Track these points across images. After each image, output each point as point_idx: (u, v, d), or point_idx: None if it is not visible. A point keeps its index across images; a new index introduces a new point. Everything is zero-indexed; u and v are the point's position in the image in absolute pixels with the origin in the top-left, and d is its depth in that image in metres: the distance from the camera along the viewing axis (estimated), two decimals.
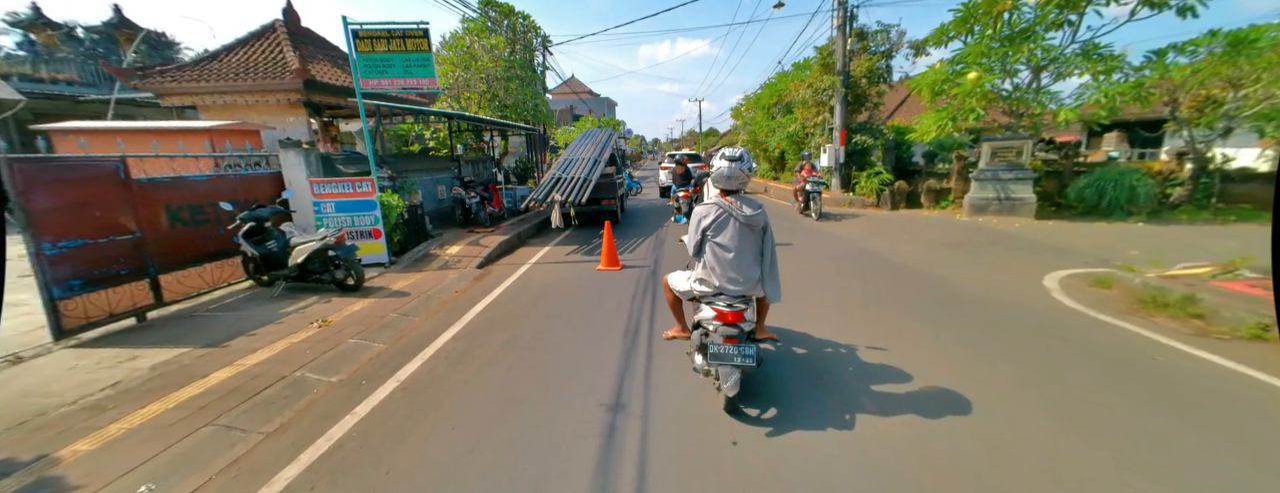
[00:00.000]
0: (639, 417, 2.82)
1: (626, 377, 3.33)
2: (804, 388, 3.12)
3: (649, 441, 2.60)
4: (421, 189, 9.69)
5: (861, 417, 2.76)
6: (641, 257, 7.27)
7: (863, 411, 2.82)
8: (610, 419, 2.80)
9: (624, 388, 3.16)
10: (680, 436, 2.64)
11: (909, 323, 4.18)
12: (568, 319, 4.59)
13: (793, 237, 8.20)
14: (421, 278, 6.21)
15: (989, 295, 4.87)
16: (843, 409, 2.85)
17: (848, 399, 2.96)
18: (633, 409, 2.91)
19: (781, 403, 2.93)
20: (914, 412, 2.79)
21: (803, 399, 2.98)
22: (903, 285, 5.31)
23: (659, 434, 2.65)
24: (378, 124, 8.00)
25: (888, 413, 2.79)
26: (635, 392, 3.11)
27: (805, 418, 2.76)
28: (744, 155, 2.90)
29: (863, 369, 3.34)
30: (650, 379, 3.28)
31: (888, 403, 2.90)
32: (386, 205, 6.73)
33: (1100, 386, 3.04)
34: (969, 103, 10.03)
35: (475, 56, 11.89)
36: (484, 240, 8.07)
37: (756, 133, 19.11)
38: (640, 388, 3.15)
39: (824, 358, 3.57)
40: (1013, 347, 3.66)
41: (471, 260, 6.96)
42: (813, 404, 2.91)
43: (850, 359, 3.50)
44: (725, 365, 2.66)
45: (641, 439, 2.61)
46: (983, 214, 10.31)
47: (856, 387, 3.10)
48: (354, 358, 3.80)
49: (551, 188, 8.06)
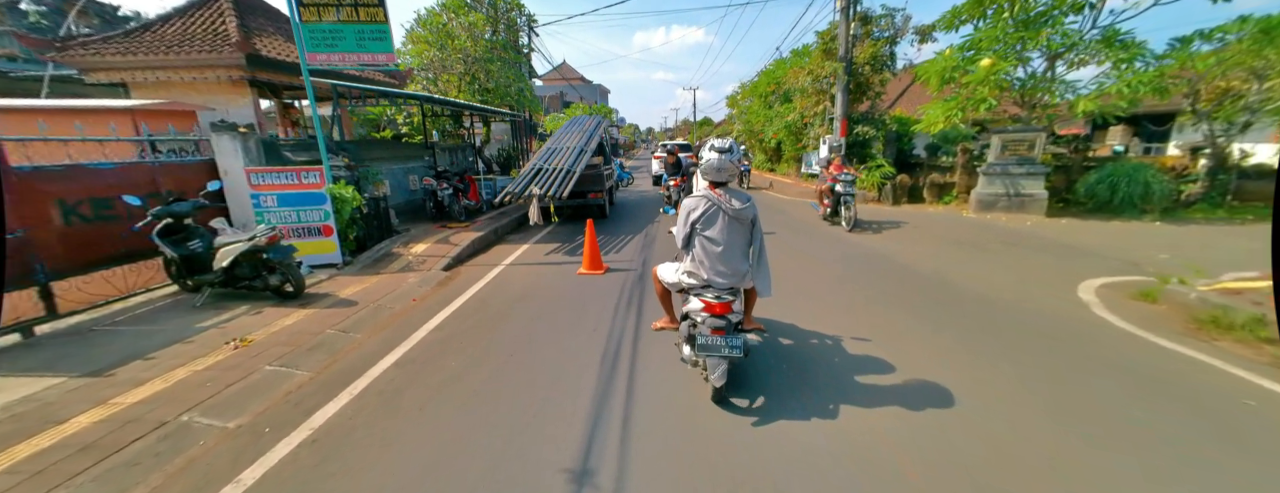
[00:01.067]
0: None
1: (599, 427, 2.65)
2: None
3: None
4: (390, 179, 8.86)
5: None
6: (628, 257, 6.58)
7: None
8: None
9: (595, 447, 2.48)
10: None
11: (945, 342, 3.56)
12: (537, 341, 3.89)
13: (813, 244, 7.42)
14: (377, 282, 5.46)
15: (1022, 308, 4.26)
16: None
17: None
18: (603, 481, 2.23)
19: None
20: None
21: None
22: (923, 293, 4.69)
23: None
24: (335, 107, 7.15)
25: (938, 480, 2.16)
26: (608, 453, 2.44)
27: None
28: (733, 146, 2.82)
29: (903, 396, 2.70)
30: (629, 440, 2.61)
31: (946, 460, 2.27)
32: (339, 199, 5.93)
33: (1199, 437, 2.44)
34: (980, 92, 9.39)
35: (452, 35, 10.95)
36: (455, 238, 7.31)
37: (752, 122, 18.37)
38: (615, 448, 2.48)
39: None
40: (1067, 379, 3.04)
41: (438, 261, 6.21)
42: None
43: (880, 382, 2.86)
44: (713, 356, 2.65)
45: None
46: (991, 211, 9.75)
47: (896, 421, 2.46)
48: (266, 393, 3.08)
49: (530, 180, 7.30)
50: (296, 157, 6.51)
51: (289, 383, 3.21)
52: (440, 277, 5.75)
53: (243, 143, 5.66)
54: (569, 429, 2.61)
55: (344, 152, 7.30)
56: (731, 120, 25.97)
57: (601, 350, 3.60)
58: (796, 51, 17.05)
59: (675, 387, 3.03)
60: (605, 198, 9.82)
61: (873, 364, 3.28)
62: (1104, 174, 9.43)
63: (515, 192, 6.86)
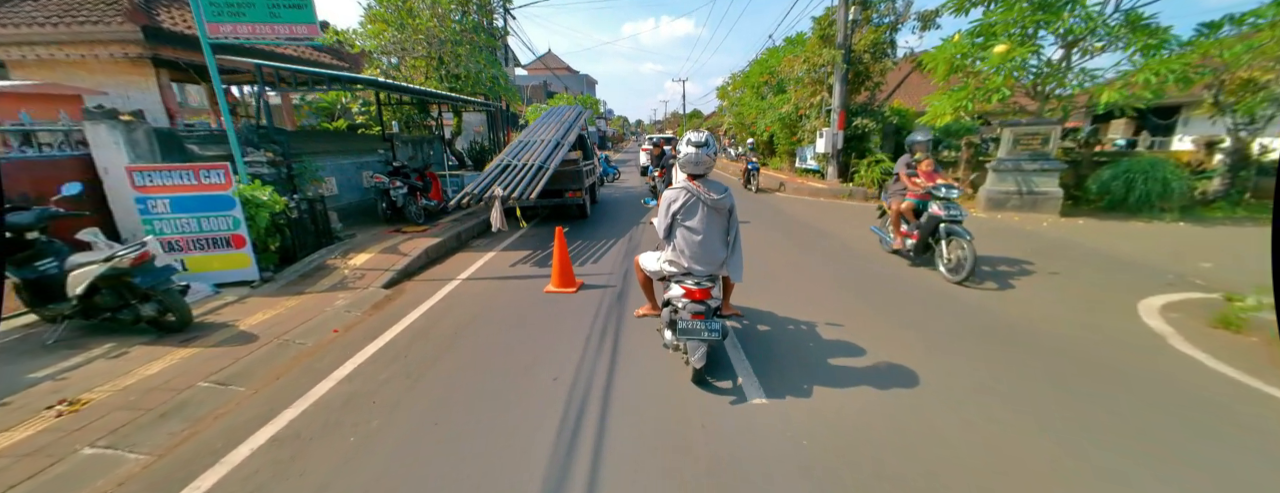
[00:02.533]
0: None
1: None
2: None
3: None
4: (338, 176, 7.79)
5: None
6: (607, 269, 5.66)
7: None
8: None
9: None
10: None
11: (1032, 408, 2.73)
12: (473, 400, 2.97)
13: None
14: (296, 305, 4.46)
15: (1081, 340, 3.47)
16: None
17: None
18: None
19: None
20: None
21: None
22: (971, 328, 3.88)
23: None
24: (260, 91, 6.06)
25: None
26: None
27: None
28: (708, 140, 2.93)
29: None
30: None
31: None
32: (252, 202, 4.90)
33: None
34: (994, 80, 8.62)
35: (414, 13, 9.80)
36: (406, 245, 6.30)
37: (744, 114, 17.48)
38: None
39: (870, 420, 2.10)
40: (1194, 457, 2.24)
41: (378, 277, 5.22)
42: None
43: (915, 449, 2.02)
44: (693, 340, 2.77)
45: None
46: (1001, 209, 9.04)
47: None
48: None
49: (494, 178, 6.31)
50: (205, 151, 5.43)
51: (107, 479, 2.24)
52: (378, 297, 4.78)
53: (126, 134, 4.58)
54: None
55: (274, 144, 6.23)
56: (722, 112, 25.07)
57: (559, 415, 2.69)
58: (791, 39, 16.15)
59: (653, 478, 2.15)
60: (585, 197, 8.87)
61: (950, 464, 2.43)
62: (1119, 170, 8.78)
63: (474, 193, 5.87)
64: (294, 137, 7.34)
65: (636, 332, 3.85)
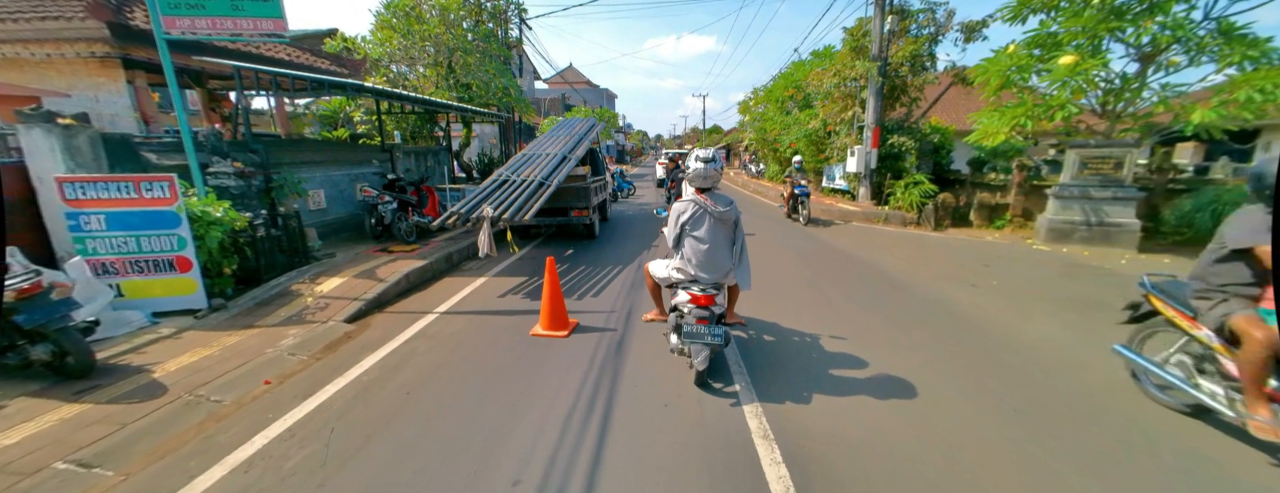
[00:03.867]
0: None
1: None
2: None
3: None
4: (329, 189, 7.24)
5: None
6: (610, 302, 4.85)
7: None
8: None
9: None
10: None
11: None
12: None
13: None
14: (236, 343, 3.76)
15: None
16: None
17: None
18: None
19: None
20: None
21: None
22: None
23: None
24: (239, 95, 5.53)
25: None
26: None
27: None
28: (715, 156, 3.13)
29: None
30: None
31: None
32: (201, 219, 4.26)
33: None
34: (1058, 96, 7.62)
35: (422, 19, 9.36)
36: (387, 268, 5.61)
37: (766, 130, 16.65)
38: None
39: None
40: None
41: (344, 308, 4.51)
42: None
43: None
44: (696, 343, 2.91)
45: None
46: (1067, 242, 7.95)
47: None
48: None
49: (485, 196, 5.60)
50: (165, 160, 4.86)
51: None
52: (336, 334, 4.05)
53: (65, 140, 4.02)
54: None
55: (251, 153, 5.67)
56: (743, 128, 24.32)
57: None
58: (818, 53, 15.37)
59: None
60: (593, 216, 8.12)
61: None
62: (1204, 200, 7.63)
63: (462, 212, 5.15)
64: (280, 145, 6.83)
65: (634, 389, 3.03)
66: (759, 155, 22.07)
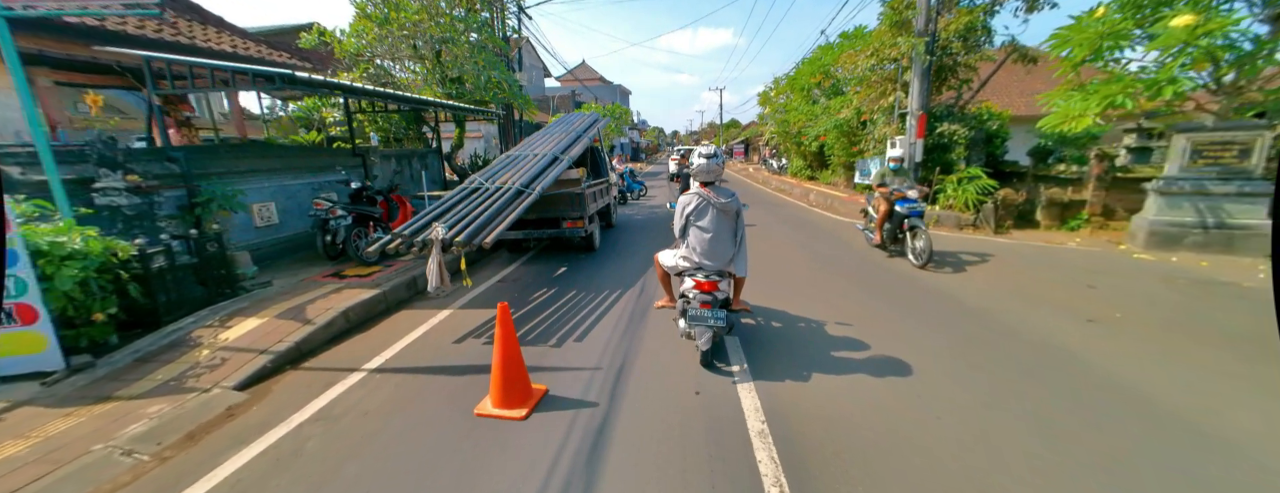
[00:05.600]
0: None
1: None
2: None
3: None
4: (284, 200, 6.24)
5: None
6: (596, 353, 3.63)
7: None
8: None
9: None
10: None
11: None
12: None
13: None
14: (62, 432, 2.70)
15: None
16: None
17: None
18: None
19: None
20: None
21: None
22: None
23: None
24: (152, 94, 4.53)
25: None
26: None
27: None
28: (717, 152, 3.34)
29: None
30: None
31: None
32: (49, 254, 3.23)
33: None
34: (1167, 69, 6.06)
35: (401, 6, 8.31)
36: (322, 302, 4.51)
37: (790, 122, 15.17)
38: None
39: None
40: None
41: (246, 364, 3.43)
42: None
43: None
44: (700, 326, 3.15)
45: None
46: (1175, 248, 6.39)
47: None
48: None
49: (442, 211, 4.45)
50: (30, 176, 3.85)
51: None
52: (213, 411, 2.95)
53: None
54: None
55: (168, 161, 4.67)
56: (763, 121, 22.76)
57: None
58: (847, 34, 13.84)
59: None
60: (591, 226, 6.93)
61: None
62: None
63: (406, 234, 4.01)
64: (214, 152, 5.83)
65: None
66: (780, 149, 20.55)
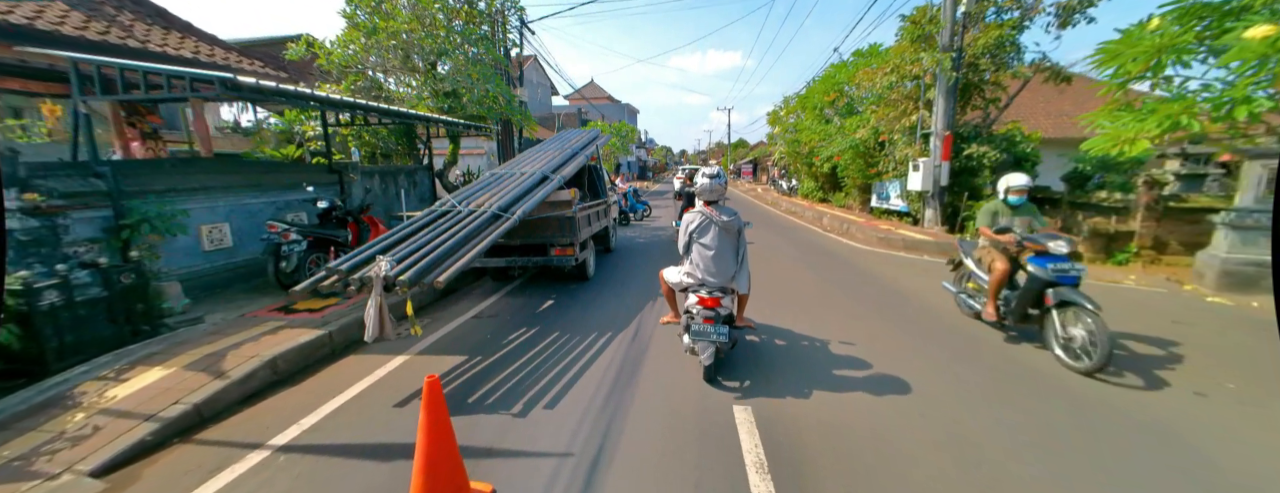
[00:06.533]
0: None
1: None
2: None
3: None
4: (242, 221, 5.62)
5: None
6: (570, 427, 2.84)
7: None
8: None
9: None
10: None
11: None
12: None
13: None
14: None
15: None
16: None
17: None
18: None
19: None
20: None
21: None
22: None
23: None
24: (78, 101, 3.95)
25: None
26: None
27: None
28: (720, 173, 3.49)
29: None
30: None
31: None
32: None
33: None
34: (1239, 86, 5.32)
35: (389, 14, 7.86)
36: (251, 347, 3.78)
37: (800, 142, 14.54)
38: None
39: None
40: None
41: (117, 437, 2.69)
42: None
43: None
44: (703, 341, 3.22)
45: None
46: (1251, 291, 5.53)
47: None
48: None
49: (394, 240, 3.76)
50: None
51: None
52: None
53: None
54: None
55: (94, 177, 4.06)
56: (772, 141, 22.22)
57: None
58: (861, 52, 13.30)
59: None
60: (583, 254, 6.21)
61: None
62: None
63: (343, 270, 3.32)
64: (161, 167, 5.24)
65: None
66: (790, 170, 19.91)
